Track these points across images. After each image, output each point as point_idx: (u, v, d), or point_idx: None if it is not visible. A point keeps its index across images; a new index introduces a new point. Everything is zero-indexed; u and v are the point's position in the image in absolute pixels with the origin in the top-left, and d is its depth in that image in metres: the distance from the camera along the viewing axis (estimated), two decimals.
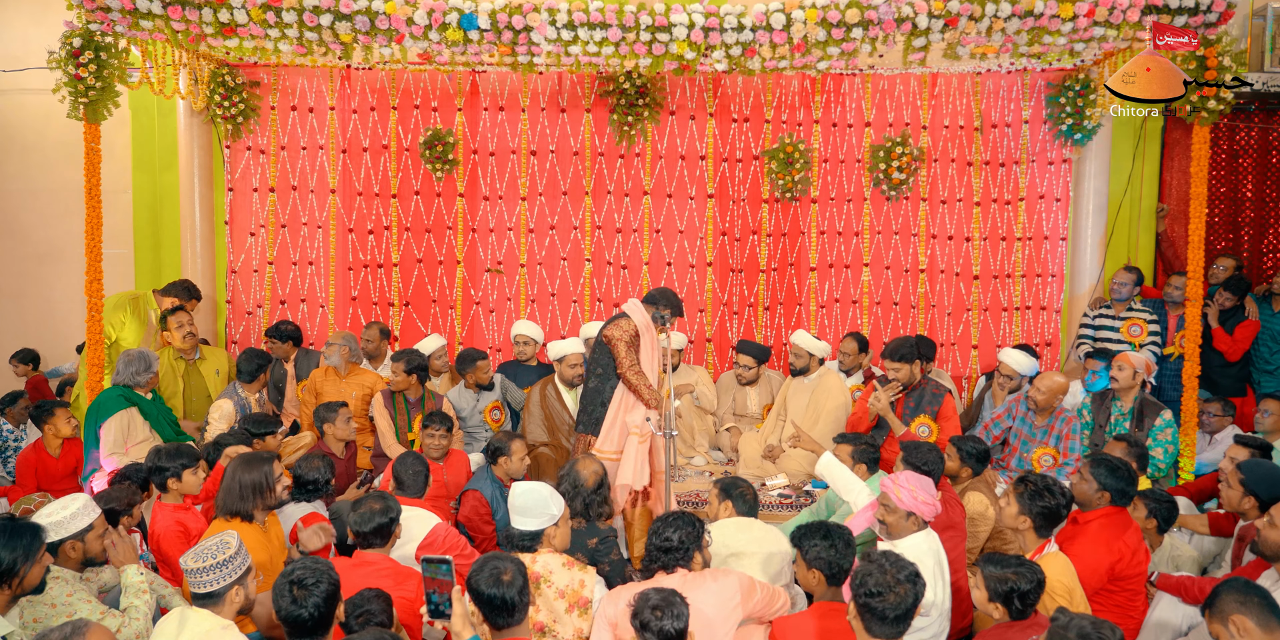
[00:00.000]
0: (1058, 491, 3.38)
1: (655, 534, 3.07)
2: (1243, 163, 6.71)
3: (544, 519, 3.15)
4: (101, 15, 4.66)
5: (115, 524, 3.80)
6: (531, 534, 3.15)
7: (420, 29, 4.67)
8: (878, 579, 2.58)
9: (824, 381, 5.53)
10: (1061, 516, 3.41)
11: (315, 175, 6.42)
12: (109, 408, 4.84)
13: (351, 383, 5.54)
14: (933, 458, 3.86)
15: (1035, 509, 3.37)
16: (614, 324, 4.69)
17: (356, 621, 2.80)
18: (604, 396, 4.71)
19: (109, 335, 5.57)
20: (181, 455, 3.88)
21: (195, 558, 2.72)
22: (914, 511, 3.35)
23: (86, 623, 2.45)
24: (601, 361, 4.72)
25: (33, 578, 2.89)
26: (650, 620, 2.55)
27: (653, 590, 2.63)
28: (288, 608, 2.57)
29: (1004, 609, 2.87)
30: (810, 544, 3.05)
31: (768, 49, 4.80)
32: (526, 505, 3.15)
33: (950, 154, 6.47)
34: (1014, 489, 3.43)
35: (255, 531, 3.49)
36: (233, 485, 3.50)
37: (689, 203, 6.44)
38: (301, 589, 2.57)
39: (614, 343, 4.63)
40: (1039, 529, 3.40)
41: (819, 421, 5.41)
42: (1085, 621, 2.43)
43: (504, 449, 4.40)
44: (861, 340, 5.94)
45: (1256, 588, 2.67)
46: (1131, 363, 5.06)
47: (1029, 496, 3.38)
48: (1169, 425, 4.97)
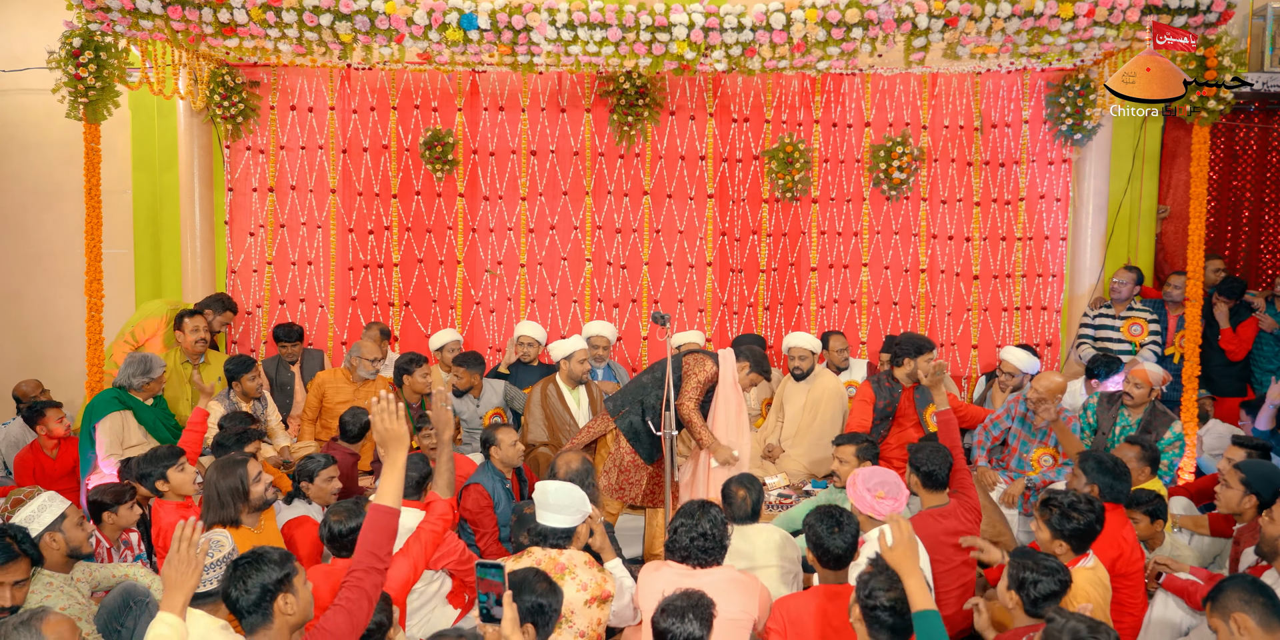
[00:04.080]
0: (1084, 507, 3.23)
1: (687, 526, 3.11)
2: (1242, 163, 6.71)
3: (578, 516, 3.19)
4: (101, 15, 4.65)
5: (99, 519, 3.82)
6: (564, 532, 3.17)
7: (420, 29, 4.66)
8: (884, 588, 2.60)
9: (820, 382, 5.53)
10: (1096, 530, 3.24)
11: (315, 175, 6.42)
12: (102, 409, 4.84)
13: (364, 391, 5.54)
14: (937, 458, 3.84)
15: (1067, 531, 3.22)
16: (700, 357, 4.59)
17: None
18: (650, 394, 4.62)
19: (135, 337, 5.56)
20: (163, 457, 3.88)
21: None
22: (859, 508, 3.46)
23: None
24: (661, 369, 4.58)
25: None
26: (657, 620, 2.57)
27: (679, 596, 2.62)
28: (224, 585, 2.50)
29: (1019, 599, 2.87)
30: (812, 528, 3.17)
31: (768, 49, 4.80)
32: (561, 503, 3.17)
33: (950, 154, 6.47)
34: (1040, 515, 3.30)
35: (247, 535, 3.49)
36: (211, 493, 3.49)
37: (689, 203, 6.44)
38: (236, 569, 2.49)
39: (690, 372, 4.54)
40: (1075, 550, 3.25)
41: (815, 421, 5.42)
42: (1080, 622, 2.43)
43: (492, 439, 4.43)
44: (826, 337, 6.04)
45: (1263, 587, 2.67)
46: (1149, 380, 4.87)
47: (1057, 520, 3.24)
48: (1178, 439, 4.85)
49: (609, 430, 4.74)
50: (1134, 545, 3.49)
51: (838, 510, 3.20)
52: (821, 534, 3.12)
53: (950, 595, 3.57)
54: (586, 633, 3.04)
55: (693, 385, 4.51)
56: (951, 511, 3.71)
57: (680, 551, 3.12)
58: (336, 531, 3.27)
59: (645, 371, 4.84)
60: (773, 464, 5.45)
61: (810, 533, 3.17)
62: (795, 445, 5.46)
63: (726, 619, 2.97)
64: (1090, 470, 3.69)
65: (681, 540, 3.11)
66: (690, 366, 4.57)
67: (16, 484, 5.07)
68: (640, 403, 4.66)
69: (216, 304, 5.90)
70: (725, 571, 3.14)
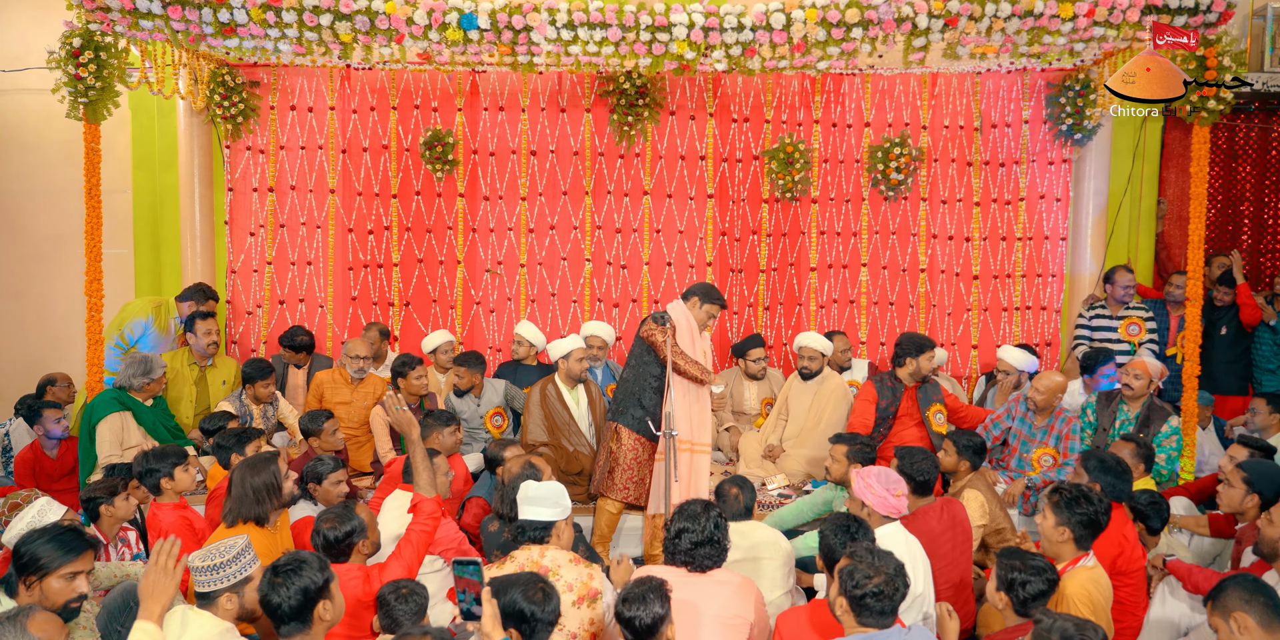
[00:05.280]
0: (1094, 497, 3.23)
1: (691, 532, 3.08)
2: (1242, 162, 6.71)
3: (557, 510, 3.18)
4: (101, 15, 4.65)
5: (97, 515, 3.82)
6: (543, 525, 3.17)
7: (420, 29, 4.66)
8: (863, 573, 2.61)
9: (828, 383, 5.53)
10: (1102, 524, 3.23)
11: (315, 175, 6.42)
12: (101, 410, 4.85)
13: (361, 391, 5.54)
14: (927, 466, 3.89)
15: (1075, 518, 3.19)
16: (650, 325, 4.70)
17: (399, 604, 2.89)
18: (640, 385, 4.72)
19: (127, 339, 5.57)
20: (170, 455, 3.88)
21: (201, 557, 2.71)
22: (877, 510, 3.44)
23: (33, 607, 2.45)
24: (636, 353, 4.79)
25: (51, 591, 2.82)
26: (621, 612, 2.60)
27: (635, 582, 2.66)
28: (264, 591, 2.58)
29: (1008, 599, 2.88)
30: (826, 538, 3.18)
31: (768, 49, 4.80)
32: (540, 496, 3.18)
33: (950, 154, 6.47)
34: (1049, 499, 3.29)
35: (265, 535, 3.47)
36: (245, 491, 3.45)
37: (689, 203, 6.43)
38: (278, 576, 2.57)
39: (651, 336, 4.66)
40: (1079, 540, 3.22)
41: (821, 422, 5.42)
42: (1068, 622, 2.44)
43: (499, 459, 4.49)
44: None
45: (1264, 587, 2.67)
46: (1149, 371, 4.98)
47: (1066, 505, 3.22)
48: (1175, 432, 4.92)
49: (610, 429, 4.76)
50: (1134, 543, 3.50)
51: (853, 520, 3.20)
52: (835, 546, 3.09)
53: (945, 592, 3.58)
54: (578, 634, 3.01)
55: (661, 340, 4.61)
56: (944, 504, 3.78)
57: (682, 556, 3.08)
58: (331, 538, 3.24)
59: (625, 368, 4.91)
60: (773, 464, 5.45)
61: (824, 542, 3.16)
62: (797, 445, 5.45)
63: (719, 621, 2.96)
64: (1093, 469, 3.71)
65: (683, 544, 3.07)
66: (652, 336, 4.65)
67: (17, 484, 5.07)
68: (633, 395, 4.74)
69: (199, 294, 5.85)
70: (722, 574, 3.12)
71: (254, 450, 4.24)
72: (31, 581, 2.80)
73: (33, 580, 2.80)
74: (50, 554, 2.80)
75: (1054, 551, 3.27)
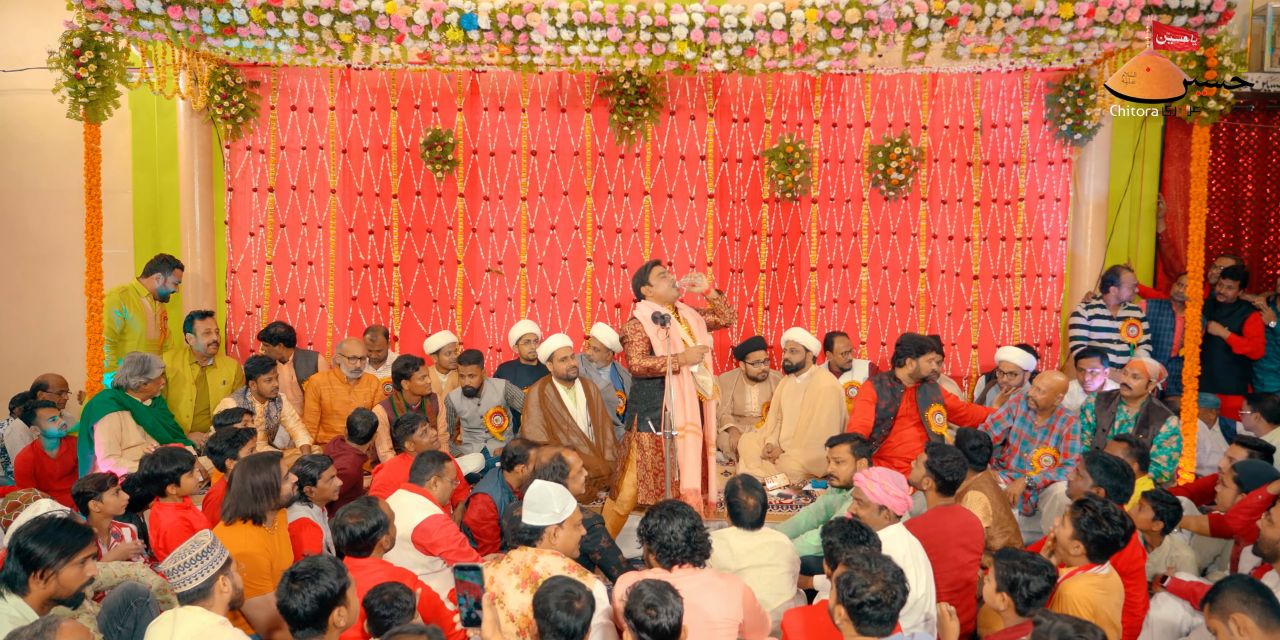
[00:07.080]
0: (1117, 520, 3.19)
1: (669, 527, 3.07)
2: (1243, 163, 6.71)
3: (547, 516, 3.17)
4: (101, 15, 4.65)
5: (86, 510, 3.82)
6: (532, 529, 3.17)
7: (420, 29, 4.66)
8: (860, 581, 2.59)
9: (815, 381, 5.54)
10: (1117, 547, 3.21)
11: (315, 175, 6.42)
12: (99, 410, 4.84)
13: (359, 392, 5.54)
14: (956, 466, 3.81)
15: (1091, 536, 3.19)
16: (625, 329, 4.85)
17: (384, 610, 2.81)
18: (641, 394, 4.79)
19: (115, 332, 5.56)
20: (177, 459, 3.88)
21: (172, 559, 2.73)
22: (885, 506, 3.43)
23: (58, 619, 2.45)
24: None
25: (68, 579, 2.87)
26: (645, 619, 2.54)
27: (645, 584, 2.62)
28: (282, 596, 2.59)
29: (1010, 600, 2.88)
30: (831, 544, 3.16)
31: (768, 49, 4.80)
32: (533, 501, 3.18)
33: (950, 154, 6.47)
34: (1071, 513, 3.28)
35: (262, 534, 3.48)
36: (244, 488, 3.47)
37: (689, 203, 6.43)
38: (296, 582, 2.58)
39: (629, 341, 4.79)
40: (1091, 555, 3.23)
41: (813, 420, 5.42)
42: (1067, 623, 2.43)
43: (522, 458, 4.34)
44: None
45: (1261, 588, 2.67)
46: (1147, 371, 4.98)
47: (1086, 523, 3.20)
48: (1174, 432, 4.92)
49: (630, 440, 4.76)
50: (1135, 543, 3.49)
51: (858, 527, 3.19)
52: (838, 551, 3.06)
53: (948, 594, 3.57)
54: None
55: (635, 351, 4.74)
56: (959, 507, 3.75)
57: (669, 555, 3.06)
58: (357, 533, 3.21)
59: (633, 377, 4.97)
60: (773, 464, 5.45)
61: (829, 547, 3.14)
62: (794, 445, 5.46)
63: (707, 622, 2.95)
64: (1096, 472, 3.69)
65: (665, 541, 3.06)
66: (627, 336, 4.79)
67: (17, 484, 5.07)
68: (637, 400, 4.80)
69: (164, 266, 5.77)
70: (705, 574, 3.09)
71: (247, 452, 4.23)
72: (48, 574, 2.84)
73: (49, 573, 2.84)
74: (67, 541, 2.86)
75: (1064, 557, 3.28)
